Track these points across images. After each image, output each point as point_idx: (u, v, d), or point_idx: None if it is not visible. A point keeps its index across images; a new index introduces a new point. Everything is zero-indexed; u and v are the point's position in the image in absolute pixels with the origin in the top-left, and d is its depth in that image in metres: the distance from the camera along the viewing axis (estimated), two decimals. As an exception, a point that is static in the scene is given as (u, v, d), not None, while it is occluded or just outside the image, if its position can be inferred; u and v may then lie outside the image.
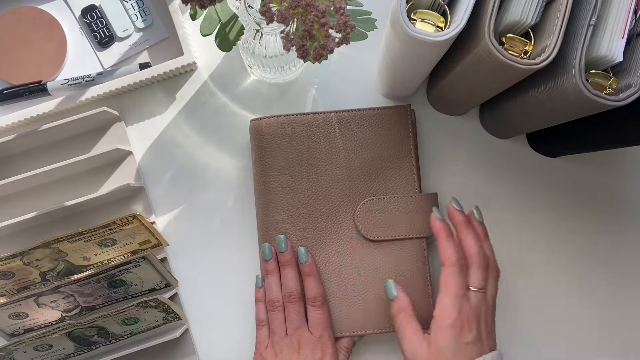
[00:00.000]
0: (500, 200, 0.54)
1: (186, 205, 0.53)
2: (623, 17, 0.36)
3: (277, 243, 0.50)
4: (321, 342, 0.47)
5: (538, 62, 0.36)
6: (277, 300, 0.49)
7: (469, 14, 0.36)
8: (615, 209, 0.54)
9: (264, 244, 0.50)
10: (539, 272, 0.53)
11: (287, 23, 0.34)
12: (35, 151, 0.53)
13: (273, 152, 0.51)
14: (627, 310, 0.53)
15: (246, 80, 0.55)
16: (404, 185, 0.51)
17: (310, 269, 0.49)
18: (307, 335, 0.47)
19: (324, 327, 0.48)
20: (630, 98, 0.36)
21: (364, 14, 0.44)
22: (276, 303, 0.48)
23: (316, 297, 0.48)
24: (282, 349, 0.47)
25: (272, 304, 0.49)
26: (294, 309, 0.48)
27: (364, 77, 0.54)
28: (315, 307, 0.48)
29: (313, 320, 0.48)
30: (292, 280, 0.49)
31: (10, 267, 0.48)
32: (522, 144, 0.54)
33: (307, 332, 0.47)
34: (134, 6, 0.54)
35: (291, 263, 0.49)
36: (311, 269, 0.49)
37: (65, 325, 0.46)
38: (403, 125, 0.52)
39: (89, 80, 0.52)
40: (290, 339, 0.47)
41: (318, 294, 0.48)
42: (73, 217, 0.53)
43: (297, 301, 0.48)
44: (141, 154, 0.54)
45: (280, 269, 0.50)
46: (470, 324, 0.42)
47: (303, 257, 0.49)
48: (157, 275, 0.50)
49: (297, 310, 0.48)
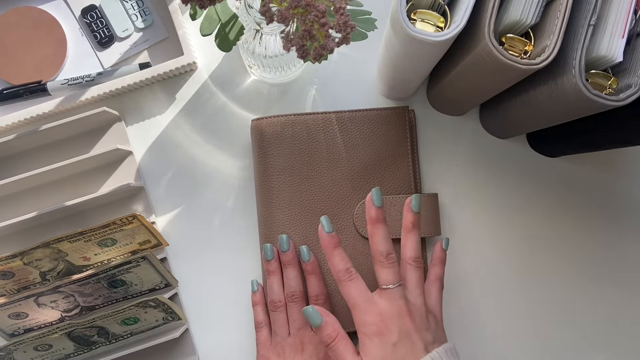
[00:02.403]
0: (500, 200, 0.54)
1: (186, 205, 0.53)
2: (623, 17, 0.36)
3: (280, 242, 0.49)
4: None
5: (538, 62, 0.36)
6: (279, 300, 0.48)
7: (469, 14, 0.36)
8: (615, 208, 0.54)
9: (266, 244, 0.50)
10: (539, 271, 0.53)
11: (287, 23, 0.34)
12: (35, 151, 0.53)
13: (274, 152, 0.51)
14: (627, 309, 0.53)
15: (246, 80, 0.55)
16: (402, 185, 0.51)
17: (312, 267, 0.49)
18: (310, 334, 0.47)
19: None
20: (630, 98, 0.36)
21: (364, 14, 0.45)
22: (278, 304, 0.48)
23: (318, 295, 0.48)
24: (285, 349, 0.47)
25: (274, 305, 0.48)
26: (296, 309, 0.47)
27: (364, 77, 0.55)
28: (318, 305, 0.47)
29: None
30: (295, 279, 0.48)
31: (10, 267, 0.48)
32: (522, 144, 0.54)
33: (310, 331, 0.47)
34: (134, 6, 0.54)
35: (293, 262, 0.49)
36: (314, 268, 0.49)
37: (65, 325, 0.46)
38: (401, 126, 0.52)
39: (89, 80, 0.52)
40: (294, 338, 0.47)
41: (320, 292, 0.48)
42: (73, 217, 0.53)
43: (300, 301, 0.48)
44: (141, 154, 0.54)
45: (283, 268, 0.49)
46: (388, 326, 0.40)
47: (305, 256, 0.49)
48: (157, 275, 0.50)
49: (300, 310, 0.47)
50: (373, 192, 0.43)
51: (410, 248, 0.44)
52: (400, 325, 0.40)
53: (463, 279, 0.53)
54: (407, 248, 0.44)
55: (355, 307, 0.41)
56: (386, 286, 0.41)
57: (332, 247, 0.43)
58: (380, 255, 0.42)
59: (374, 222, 0.43)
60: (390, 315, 0.40)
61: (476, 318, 0.52)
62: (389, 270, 0.42)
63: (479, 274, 0.53)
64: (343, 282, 0.42)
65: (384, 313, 0.41)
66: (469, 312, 0.52)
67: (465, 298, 0.52)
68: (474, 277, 0.53)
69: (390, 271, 0.42)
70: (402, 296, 0.41)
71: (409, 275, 0.43)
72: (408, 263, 0.43)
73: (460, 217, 0.53)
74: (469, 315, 0.52)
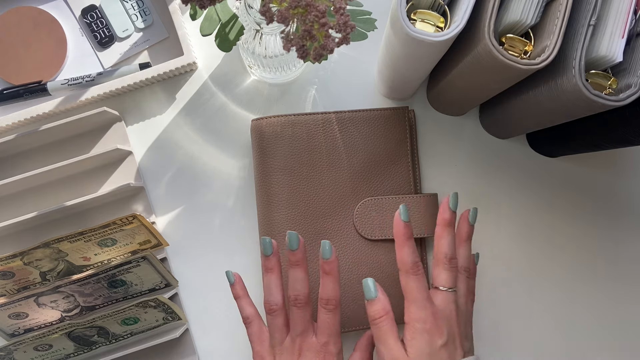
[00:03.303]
0: (500, 200, 0.54)
1: (186, 205, 0.53)
2: (623, 17, 0.36)
3: (289, 239, 0.43)
4: (325, 350, 0.43)
5: (538, 62, 0.36)
6: (276, 303, 0.44)
7: (469, 14, 0.36)
8: (615, 208, 0.54)
9: (265, 237, 0.45)
10: (539, 271, 0.53)
11: (287, 23, 0.34)
12: (35, 151, 0.53)
13: (274, 152, 0.51)
14: (628, 309, 0.53)
15: (246, 80, 0.55)
16: (402, 185, 0.51)
17: (331, 267, 0.43)
18: (311, 340, 0.43)
19: (331, 333, 0.43)
20: (630, 98, 0.36)
21: (364, 14, 0.45)
22: (274, 307, 0.44)
23: (330, 300, 0.43)
24: (282, 354, 0.43)
25: (270, 308, 0.44)
26: (299, 315, 0.43)
27: (364, 77, 0.55)
28: (327, 310, 0.43)
29: (321, 324, 0.43)
30: (302, 282, 0.43)
31: (10, 267, 0.48)
32: (522, 144, 0.54)
33: (311, 337, 0.43)
34: (134, 6, 0.54)
35: (302, 263, 0.43)
36: (332, 268, 0.43)
37: (65, 325, 0.46)
38: (401, 127, 0.52)
39: (89, 80, 0.52)
40: (292, 343, 0.43)
41: (333, 297, 0.43)
42: (73, 217, 0.53)
43: (304, 306, 0.43)
44: (141, 154, 0.54)
45: (289, 268, 0.44)
46: (439, 326, 0.41)
47: (327, 253, 0.43)
48: (157, 275, 0.50)
49: (303, 316, 0.43)
50: (451, 196, 0.45)
51: (463, 257, 0.46)
52: (449, 328, 0.42)
53: (463, 279, 0.53)
54: (460, 257, 0.46)
55: (415, 301, 0.42)
56: (444, 288, 0.43)
57: (407, 237, 0.43)
58: (444, 258, 0.43)
59: (445, 225, 0.44)
60: (443, 317, 0.42)
61: (476, 318, 0.52)
62: (449, 273, 0.43)
63: (478, 274, 0.53)
64: (409, 275, 0.42)
65: (438, 313, 0.42)
66: (469, 312, 0.52)
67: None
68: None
69: (451, 275, 0.43)
70: (454, 301, 0.43)
71: (460, 284, 0.45)
72: (460, 272, 0.45)
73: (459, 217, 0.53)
74: (469, 315, 0.52)
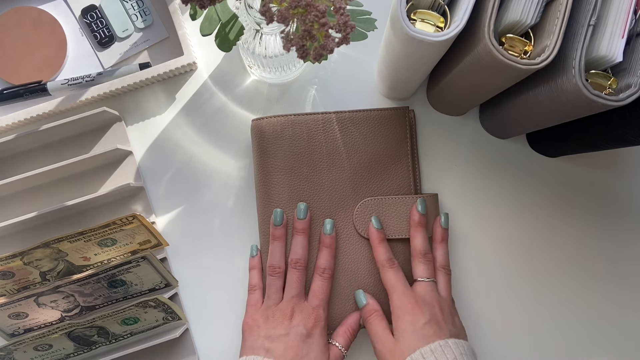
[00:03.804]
0: (500, 200, 0.54)
1: (186, 205, 0.53)
2: (623, 17, 0.36)
3: (298, 210, 0.50)
4: (315, 313, 0.47)
5: (538, 62, 0.36)
6: (279, 266, 0.49)
7: (469, 14, 0.36)
8: (615, 208, 0.54)
9: (277, 209, 0.50)
10: (539, 270, 0.53)
11: (287, 23, 0.34)
12: (35, 151, 0.53)
13: (274, 152, 0.51)
14: (628, 309, 0.53)
15: (246, 80, 0.55)
16: (401, 185, 0.51)
17: (331, 241, 0.50)
18: (303, 303, 0.48)
19: (322, 298, 0.48)
20: (630, 98, 0.36)
21: (364, 14, 0.45)
22: (277, 269, 0.49)
23: (326, 269, 0.49)
24: (275, 314, 0.47)
25: (273, 269, 0.49)
26: (297, 276, 0.48)
27: (364, 77, 0.55)
28: (322, 278, 0.48)
29: (315, 289, 0.48)
30: (302, 248, 0.49)
31: (10, 267, 0.48)
32: (522, 144, 0.54)
33: (303, 301, 0.48)
34: (134, 6, 0.54)
35: (305, 232, 0.49)
36: (332, 242, 0.50)
37: (65, 325, 0.46)
38: (401, 127, 0.52)
39: (89, 80, 0.52)
40: (286, 304, 0.47)
41: (329, 267, 0.49)
42: (73, 217, 0.53)
43: (302, 269, 0.49)
44: (141, 154, 0.54)
45: (293, 235, 0.50)
46: (422, 308, 0.45)
47: (328, 230, 0.50)
48: (157, 275, 0.50)
49: (299, 278, 0.48)
50: (418, 202, 0.49)
51: (441, 256, 0.50)
52: (432, 312, 0.45)
53: (463, 278, 0.53)
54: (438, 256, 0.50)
55: (395, 290, 0.47)
56: (422, 279, 0.47)
57: (380, 240, 0.49)
58: (419, 254, 0.48)
59: (417, 225, 0.49)
60: (424, 302, 0.46)
61: (476, 317, 0.52)
62: (425, 266, 0.48)
63: (478, 273, 0.53)
64: (386, 269, 0.48)
65: (419, 299, 0.46)
66: (469, 311, 0.52)
67: (465, 297, 0.52)
68: (474, 276, 0.53)
69: (427, 267, 0.48)
70: (433, 289, 0.47)
71: (440, 279, 0.49)
72: (438, 269, 0.49)
73: (460, 217, 0.53)
74: (469, 315, 0.52)
